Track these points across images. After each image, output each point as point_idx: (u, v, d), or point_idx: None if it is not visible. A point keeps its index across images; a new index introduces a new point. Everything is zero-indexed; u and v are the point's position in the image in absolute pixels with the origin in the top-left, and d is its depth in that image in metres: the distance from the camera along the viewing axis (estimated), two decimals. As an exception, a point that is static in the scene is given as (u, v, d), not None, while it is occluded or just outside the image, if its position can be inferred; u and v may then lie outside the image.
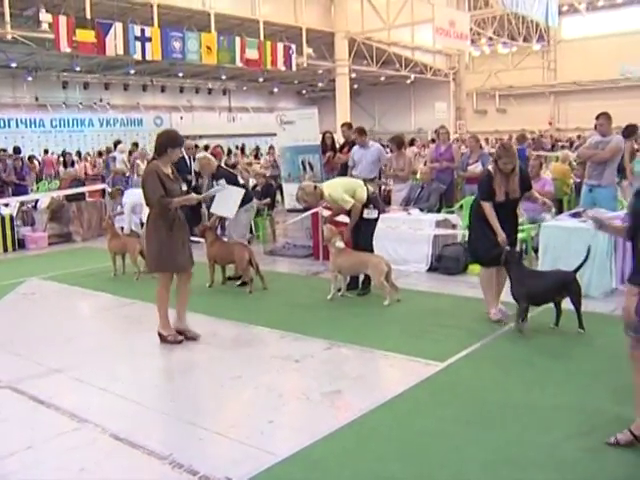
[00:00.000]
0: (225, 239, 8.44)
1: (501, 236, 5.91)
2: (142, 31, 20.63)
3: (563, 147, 20.55)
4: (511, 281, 5.93)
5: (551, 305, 5.90)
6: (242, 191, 7.19)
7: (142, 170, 14.09)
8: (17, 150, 16.05)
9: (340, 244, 7.10)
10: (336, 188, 7.17)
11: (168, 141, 5.78)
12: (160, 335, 5.96)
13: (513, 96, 39.57)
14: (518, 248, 8.57)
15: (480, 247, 6.18)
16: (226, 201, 6.90)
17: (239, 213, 8.05)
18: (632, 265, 3.73)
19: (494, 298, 6.25)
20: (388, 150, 11.93)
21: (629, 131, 10.28)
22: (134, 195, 9.72)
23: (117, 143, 17.39)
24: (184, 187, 8.01)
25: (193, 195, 6.23)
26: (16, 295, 8.10)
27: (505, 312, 6.22)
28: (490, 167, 6.19)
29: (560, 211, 9.97)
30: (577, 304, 5.79)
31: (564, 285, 5.79)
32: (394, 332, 6.06)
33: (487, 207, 5.99)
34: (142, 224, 9.28)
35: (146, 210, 9.12)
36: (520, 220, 8.43)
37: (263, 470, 3.59)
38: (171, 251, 5.80)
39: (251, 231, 11.17)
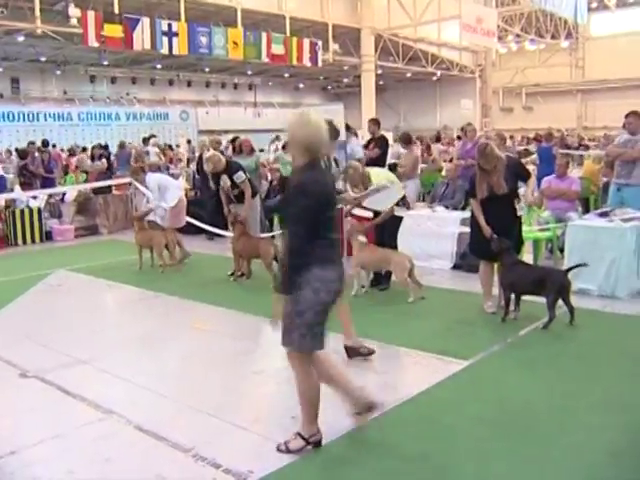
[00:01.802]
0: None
1: (486, 231, 6.15)
2: (169, 26, 20.72)
3: (596, 147, 20.24)
4: (501, 270, 6.22)
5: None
6: (402, 192, 7.28)
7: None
8: (45, 143, 16.21)
9: (363, 239, 7.10)
10: (382, 180, 7.17)
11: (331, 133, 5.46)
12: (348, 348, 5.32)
13: (540, 94, 39.17)
14: (548, 247, 8.66)
15: (476, 242, 6.45)
16: (386, 197, 6.89)
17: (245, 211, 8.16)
18: None
19: (490, 292, 6.52)
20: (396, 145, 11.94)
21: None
22: (157, 177, 9.75)
23: (150, 137, 17.51)
24: (228, 183, 8.12)
25: (350, 193, 6.13)
26: (43, 286, 8.21)
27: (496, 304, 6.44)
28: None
29: (587, 210, 9.87)
30: (566, 301, 5.90)
31: (548, 282, 5.84)
32: (418, 329, 6.05)
33: (473, 203, 6.38)
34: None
35: (172, 195, 9.16)
36: (546, 218, 8.47)
37: (286, 465, 3.61)
38: None
39: (272, 227, 11.24)
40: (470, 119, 32.82)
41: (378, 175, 7.18)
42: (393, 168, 15.19)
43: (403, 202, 7.28)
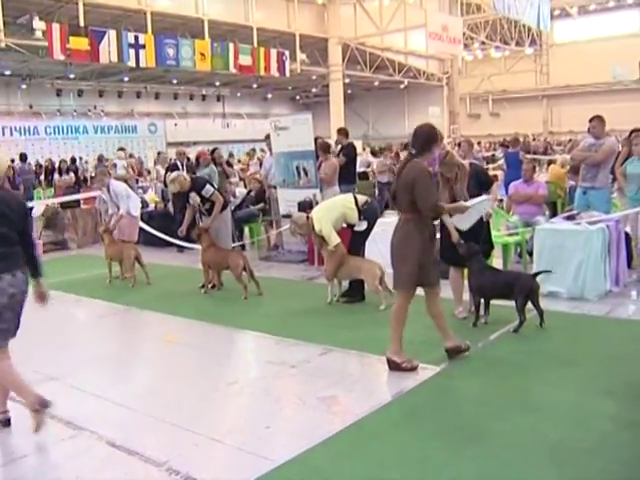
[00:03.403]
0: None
1: (454, 236, 6.16)
2: (136, 38, 20.68)
3: (562, 151, 20.57)
4: (470, 275, 6.27)
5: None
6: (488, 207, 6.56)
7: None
8: (23, 157, 16.00)
9: (332, 248, 7.11)
10: (326, 222, 7.14)
11: (431, 137, 5.12)
12: (391, 362, 5.16)
13: (506, 100, 39.73)
14: (517, 251, 8.75)
15: (445, 248, 6.46)
16: (470, 214, 6.62)
17: (217, 223, 8.13)
18: None
19: (461, 297, 6.57)
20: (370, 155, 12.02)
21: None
22: (124, 185, 9.68)
23: (119, 150, 17.39)
24: (197, 200, 8.08)
25: (462, 202, 5.65)
26: (11, 303, 8.06)
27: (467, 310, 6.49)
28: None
29: (555, 214, 10.00)
30: (536, 304, 5.95)
31: (517, 286, 5.90)
32: (389, 336, 6.04)
33: None
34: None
35: (134, 204, 9.09)
36: (514, 223, 8.56)
37: (260, 476, 3.58)
38: (428, 264, 5.18)
39: (241, 238, 11.23)
40: (438, 126, 33.00)
41: (319, 220, 7.17)
42: (362, 177, 15.31)
43: (365, 216, 7.29)
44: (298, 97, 44.02)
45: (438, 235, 6.79)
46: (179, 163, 11.41)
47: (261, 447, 3.93)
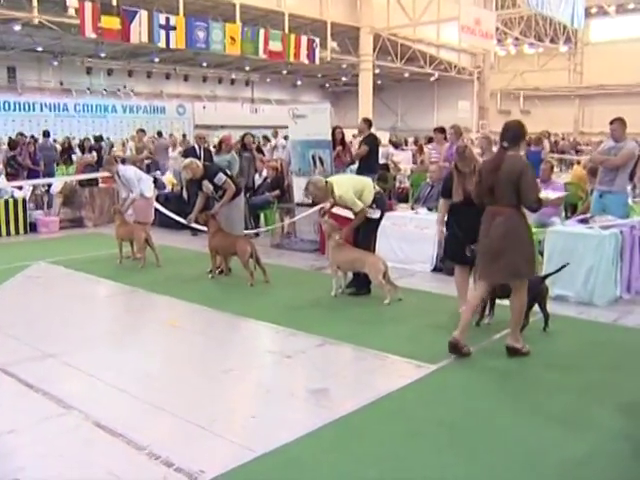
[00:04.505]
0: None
1: (440, 232, 6.48)
2: (167, 20, 20.70)
3: (591, 151, 20.21)
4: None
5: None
6: None
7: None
8: (46, 134, 16.15)
9: (339, 239, 7.07)
10: (347, 189, 7.02)
11: (523, 133, 5.29)
12: (512, 348, 5.30)
13: (538, 97, 39.23)
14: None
15: (450, 246, 6.45)
16: None
17: (229, 209, 8.09)
18: None
19: (465, 295, 6.41)
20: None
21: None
22: (133, 168, 9.72)
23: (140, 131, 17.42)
24: (210, 187, 8.06)
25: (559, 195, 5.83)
26: (22, 278, 8.18)
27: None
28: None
29: (574, 215, 9.83)
30: (542, 307, 5.89)
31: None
32: (390, 332, 6.02)
33: (441, 202, 6.49)
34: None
35: (147, 185, 9.12)
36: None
37: (239, 465, 3.57)
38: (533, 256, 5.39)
39: (257, 224, 11.21)
40: (467, 121, 32.88)
41: (341, 185, 7.08)
42: (385, 168, 15.21)
43: (376, 204, 7.20)
44: (327, 85, 43.93)
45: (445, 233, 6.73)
46: (197, 147, 11.35)
47: (244, 436, 3.92)
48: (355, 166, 10.41)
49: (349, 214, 7.27)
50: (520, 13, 31.12)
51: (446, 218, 6.44)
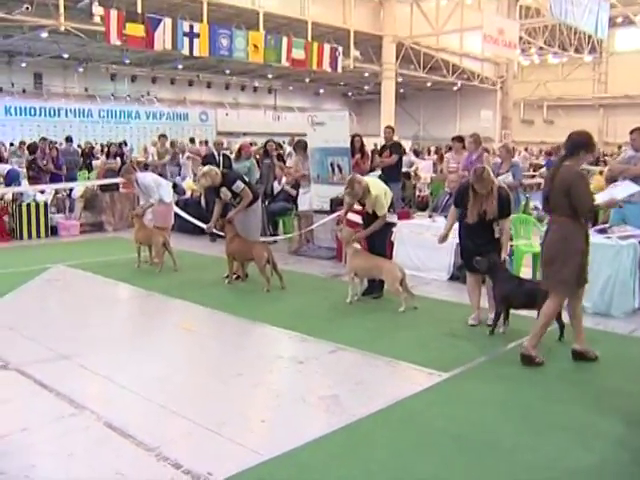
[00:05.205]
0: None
1: (441, 237, 6.54)
2: (191, 27, 20.88)
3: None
4: (494, 284, 6.16)
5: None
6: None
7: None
8: (69, 139, 16.37)
9: (357, 246, 7.09)
10: (380, 191, 7.09)
11: (584, 144, 5.22)
12: (526, 356, 5.27)
13: (561, 107, 38.95)
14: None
15: (464, 253, 6.46)
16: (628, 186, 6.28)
17: (246, 216, 8.12)
18: None
19: (477, 303, 6.46)
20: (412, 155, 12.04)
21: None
22: (151, 175, 9.83)
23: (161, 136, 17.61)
24: (228, 194, 8.10)
25: (613, 196, 5.72)
26: (40, 280, 8.28)
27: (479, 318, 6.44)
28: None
29: (595, 225, 9.73)
30: (558, 317, 5.74)
31: (539, 297, 5.64)
32: (403, 339, 6.01)
33: (452, 210, 6.51)
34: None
35: (166, 191, 9.21)
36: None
37: (246, 469, 3.59)
38: (586, 265, 5.29)
39: (275, 231, 11.23)
40: (490, 130, 32.74)
41: (375, 186, 7.12)
42: (407, 176, 15.23)
43: (393, 209, 7.23)
44: (350, 93, 43.95)
45: (457, 241, 6.73)
46: (215, 153, 11.46)
47: (253, 440, 3.94)
48: (373, 174, 10.42)
49: (359, 219, 7.35)
50: (544, 22, 30.91)
51: (458, 229, 6.43)
